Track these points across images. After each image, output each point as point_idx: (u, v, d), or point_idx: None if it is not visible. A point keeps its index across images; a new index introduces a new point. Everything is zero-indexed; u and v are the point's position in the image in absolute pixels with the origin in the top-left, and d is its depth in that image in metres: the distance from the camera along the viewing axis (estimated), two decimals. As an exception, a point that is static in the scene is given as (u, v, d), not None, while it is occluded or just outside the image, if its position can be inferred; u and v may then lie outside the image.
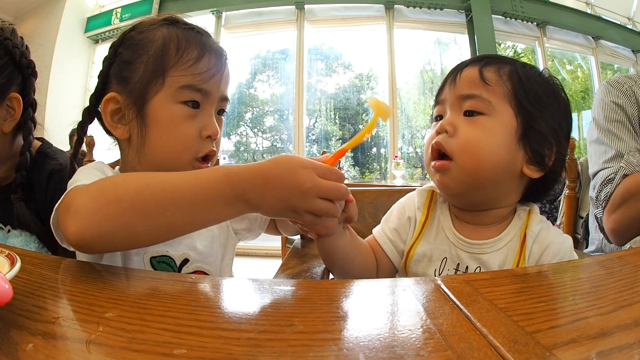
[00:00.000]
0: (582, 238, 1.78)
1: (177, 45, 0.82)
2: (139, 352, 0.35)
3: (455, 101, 0.84)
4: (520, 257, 0.81)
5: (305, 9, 6.21)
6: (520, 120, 0.80)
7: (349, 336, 0.39)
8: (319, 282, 0.77)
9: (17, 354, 0.34)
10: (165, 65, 0.81)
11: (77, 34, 6.38)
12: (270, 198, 0.62)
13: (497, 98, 0.80)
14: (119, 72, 0.84)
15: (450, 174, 0.82)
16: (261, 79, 7.05)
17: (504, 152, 0.79)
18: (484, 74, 0.82)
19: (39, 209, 1.13)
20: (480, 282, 0.54)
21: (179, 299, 0.49)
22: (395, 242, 0.92)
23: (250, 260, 4.87)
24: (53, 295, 0.49)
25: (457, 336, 0.38)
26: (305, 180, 0.62)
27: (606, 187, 1.31)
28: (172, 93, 0.81)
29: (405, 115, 6.70)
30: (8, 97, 1.07)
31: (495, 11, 6.01)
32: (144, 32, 0.85)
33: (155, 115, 0.81)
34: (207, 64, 0.84)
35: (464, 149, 0.80)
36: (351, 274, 0.86)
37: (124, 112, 0.83)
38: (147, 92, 0.81)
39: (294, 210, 0.64)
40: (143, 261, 0.83)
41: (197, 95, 0.83)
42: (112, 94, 0.83)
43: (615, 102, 1.38)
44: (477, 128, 0.80)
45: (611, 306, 0.45)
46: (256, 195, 0.62)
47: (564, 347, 0.36)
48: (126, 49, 0.85)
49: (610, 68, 7.03)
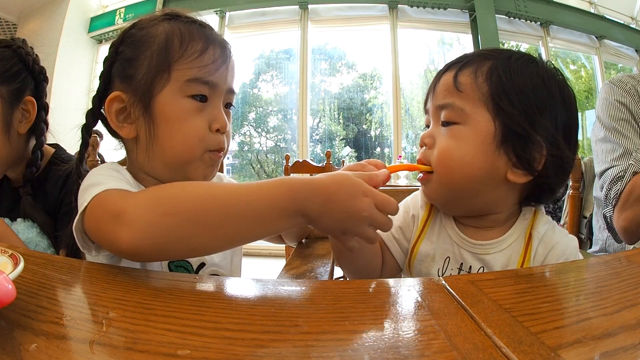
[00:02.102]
0: (585, 238, 1.78)
1: (180, 38, 0.81)
2: (143, 352, 0.35)
3: (434, 111, 0.83)
4: (525, 258, 0.79)
5: (309, 9, 6.21)
6: (499, 124, 0.75)
7: (354, 337, 0.39)
8: (323, 283, 0.77)
9: (20, 354, 0.34)
10: (170, 59, 0.80)
11: (81, 34, 6.39)
12: (328, 217, 0.63)
13: (471, 104, 0.77)
14: (122, 71, 0.83)
15: (430, 186, 0.83)
16: (265, 79, 7.06)
17: (480, 161, 0.76)
18: (458, 79, 0.79)
19: (50, 206, 1.20)
20: (485, 282, 0.54)
21: (183, 300, 0.49)
22: (400, 241, 0.91)
23: (254, 260, 4.87)
24: (56, 295, 0.49)
25: (462, 337, 0.38)
26: (364, 209, 0.63)
27: (616, 185, 1.30)
28: (179, 87, 0.80)
29: (409, 115, 6.69)
30: (23, 100, 1.15)
31: (499, 11, 6.00)
32: (145, 29, 0.84)
33: (163, 110, 0.80)
34: (213, 55, 0.82)
35: (439, 162, 0.80)
36: (356, 265, 0.87)
37: (129, 111, 0.82)
38: (153, 87, 0.80)
39: (345, 232, 0.65)
40: (161, 266, 0.83)
41: (204, 89, 0.81)
42: (116, 93, 0.82)
43: (619, 100, 1.37)
44: (451, 139, 0.78)
45: (615, 306, 0.45)
46: (315, 213, 0.62)
47: (568, 348, 0.35)
48: (128, 47, 0.83)
49: (614, 67, 7.01)
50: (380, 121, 6.84)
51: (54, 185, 1.20)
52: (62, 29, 5.96)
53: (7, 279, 0.39)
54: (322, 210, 0.62)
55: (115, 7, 6.55)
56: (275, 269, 1.03)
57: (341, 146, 6.90)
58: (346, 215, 0.62)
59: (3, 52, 1.15)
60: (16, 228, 1.15)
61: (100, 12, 6.68)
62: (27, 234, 1.14)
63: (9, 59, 1.14)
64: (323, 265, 0.95)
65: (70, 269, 0.61)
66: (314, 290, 0.55)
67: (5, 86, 1.11)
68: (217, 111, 0.84)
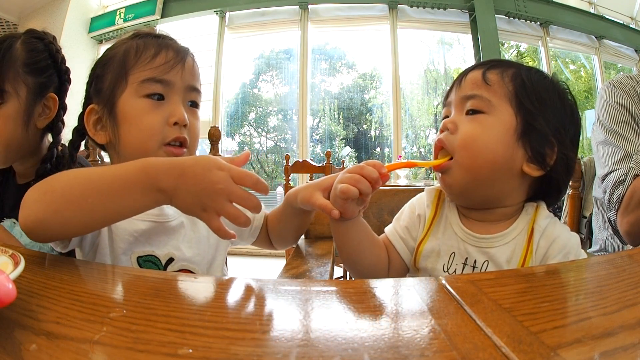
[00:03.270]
0: (585, 238, 1.78)
1: (135, 49, 0.90)
2: (143, 352, 0.35)
3: (459, 102, 0.88)
4: (528, 251, 0.81)
5: (309, 9, 6.22)
6: (520, 119, 0.82)
7: (354, 336, 0.39)
8: (323, 282, 0.77)
9: (20, 354, 0.34)
10: (126, 67, 0.89)
11: (81, 34, 6.39)
12: (184, 191, 0.65)
13: (497, 97, 0.83)
14: (95, 87, 0.93)
15: (450, 172, 0.85)
16: (265, 79, 7.07)
17: (502, 149, 0.81)
18: (487, 75, 0.85)
19: None
20: (485, 282, 0.54)
21: (184, 299, 0.49)
22: (406, 240, 0.93)
23: (253, 260, 4.87)
24: (57, 295, 0.49)
25: (462, 336, 0.38)
26: (218, 181, 0.65)
27: (618, 189, 1.30)
28: (134, 89, 0.88)
29: (409, 115, 6.70)
30: (47, 96, 1.17)
31: (499, 11, 6.01)
32: (112, 49, 0.94)
33: (123, 112, 0.88)
34: (165, 57, 0.90)
35: (463, 145, 0.83)
36: (361, 265, 0.89)
37: (102, 119, 0.91)
38: (114, 94, 0.89)
39: (204, 209, 0.66)
40: (130, 260, 0.87)
41: (158, 87, 0.89)
42: (91, 106, 0.92)
43: (619, 102, 1.37)
44: (477, 125, 0.83)
45: (615, 306, 0.45)
46: (170, 186, 0.66)
47: (568, 347, 0.35)
48: (99, 67, 0.94)
49: (614, 68, 7.02)
50: (380, 121, 6.85)
51: None
52: (62, 29, 5.95)
53: (7, 279, 0.39)
54: (176, 184, 0.65)
55: (116, 7, 6.56)
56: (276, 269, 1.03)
57: (341, 146, 6.91)
58: (200, 188, 0.65)
59: (35, 44, 1.16)
60: (19, 230, 1.13)
61: (101, 12, 6.69)
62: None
63: (40, 52, 1.16)
64: (323, 265, 0.95)
65: (70, 269, 0.61)
66: (313, 290, 0.55)
67: (33, 77, 1.13)
68: (175, 106, 0.90)
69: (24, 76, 1.11)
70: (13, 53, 1.11)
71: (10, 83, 1.09)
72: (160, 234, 0.90)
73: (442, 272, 0.86)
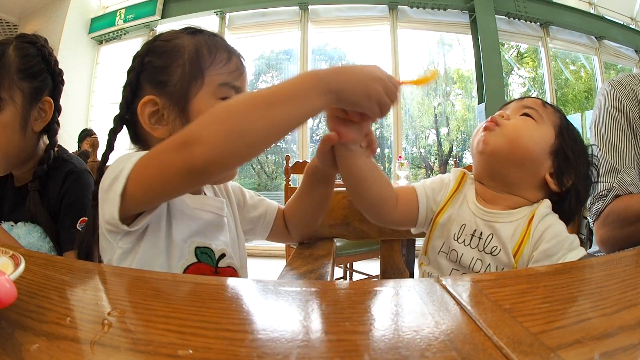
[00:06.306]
0: (585, 238, 1.78)
1: (208, 49, 0.91)
2: (144, 353, 0.35)
3: (516, 108, 1.02)
4: (527, 233, 0.90)
5: (309, 10, 6.22)
6: (557, 142, 0.96)
7: (354, 337, 0.39)
8: (324, 283, 0.77)
9: (21, 354, 0.34)
10: (202, 66, 0.90)
11: (81, 35, 6.40)
12: (352, 82, 0.75)
13: (547, 118, 0.98)
14: (153, 78, 0.91)
15: (494, 133, 0.97)
16: (265, 79, 7.06)
17: (537, 149, 0.94)
18: (545, 103, 1.01)
19: (51, 207, 1.20)
20: (485, 282, 0.54)
21: (184, 300, 0.49)
22: (429, 198, 1.04)
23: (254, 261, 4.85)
24: (57, 295, 0.49)
25: (462, 337, 0.38)
26: (374, 71, 0.77)
27: (597, 202, 1.37)
28: (212, 91, 0.89)
29: (409, 116, 6.70)
30: (42, 100, 1.18)
31: (499, 11, 6.01)
32: (171, 41, 0.93)
33: (199, 112, 0.87)
34: (236, 63, 0.94)
35: (514, 128, 0.96)
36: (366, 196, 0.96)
37: (162, 113, 0.90)
38: (188, 92, 0.89)
39: (368, 96, 0.76)
40: (189, 249, 0.88)
41: (231, 92, 0.91)
42: (149, 97, 0.89)
43: (617, 107, 1.38)
44: (528, 122, 0.97)
45: (615, 307, 0.45)
46: (339, 84, 0.74)
47: (568, 348, 0.36)
48: (156, 57, 0.92)
49: (614, 68, 7.02)
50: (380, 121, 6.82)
51: (55, 184, 1.21)
52: (62, 29, 5.96)
53: (7, 280, 0.39)
54: (344, 78, 0.75)
55: (116, 8, 6.56)
56: (276, 270, 1.03)
57: (341, 147, 6.88)
58: (365, 75, 0.76)
59: (27, 49, 1.16)
60: (17, 232, 1.14)
61: (101, 13, 6.69)
62: (28, 239, 1.14)
63: (33, 56, 1.17)
64: (323, 265, 0.95)
65: (70, 270, 0.61)
66: (314, 290, 0.55)
67: (27, 82, 1.13)
68: None
69: (18, 82, 1.12)
70: (6, 60, 1.11)
71: (5, 90, 1.10)
72: (215, 228, 0.94)
73: (452, 241, 0.97)
